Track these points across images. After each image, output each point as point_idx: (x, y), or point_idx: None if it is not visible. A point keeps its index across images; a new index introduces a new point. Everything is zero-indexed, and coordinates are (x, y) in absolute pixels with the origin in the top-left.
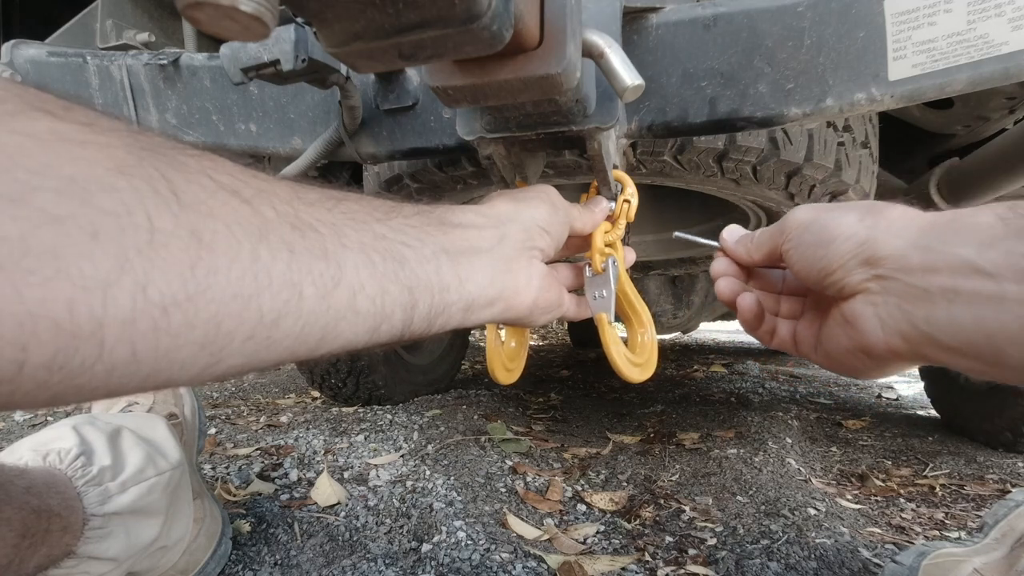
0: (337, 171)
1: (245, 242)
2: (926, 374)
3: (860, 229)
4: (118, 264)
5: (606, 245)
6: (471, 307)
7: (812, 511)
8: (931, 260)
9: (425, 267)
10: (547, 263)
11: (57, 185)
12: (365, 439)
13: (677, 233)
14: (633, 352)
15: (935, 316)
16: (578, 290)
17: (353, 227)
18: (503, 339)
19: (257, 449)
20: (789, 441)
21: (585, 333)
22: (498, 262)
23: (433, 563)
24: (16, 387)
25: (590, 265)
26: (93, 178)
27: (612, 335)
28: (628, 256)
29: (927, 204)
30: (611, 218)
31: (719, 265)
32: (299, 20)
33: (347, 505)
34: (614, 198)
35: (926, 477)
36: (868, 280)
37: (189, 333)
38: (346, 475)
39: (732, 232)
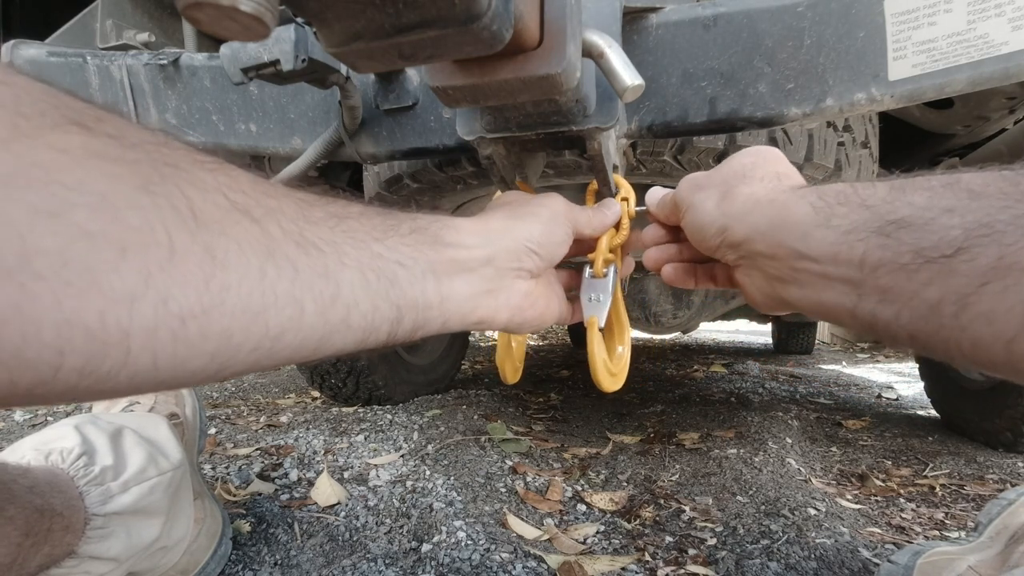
0: (337, 171)
1: (254, 260)
2: (926, 374)
3: (718, 216)
4: (143, 278)
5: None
6: (447, 322)
7: (812, 511)
8: (771, 248)
9: (414, 286)
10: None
11: (90, 201)
12: (365, 439)
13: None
14: (609, 360)
15: (789, 291)
16: (572, 291)
17: (353, 245)
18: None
19: (257, 449)
20: (789, 441)
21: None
22: (480, 282)
23: (433, 563)
24: (50, 389)
25: (591, 267)
26: (121, 195)
27: (599, 340)
28: (626, 265)
29: None
30: (616, 224)
31: (649, 234)
32: (299, 20)
33: (347, 505)
34: (613, 197)
35: (926, 477)
36: (738, 259)
37: (203, 344)
38: (346, 475)
39: (653, 194)
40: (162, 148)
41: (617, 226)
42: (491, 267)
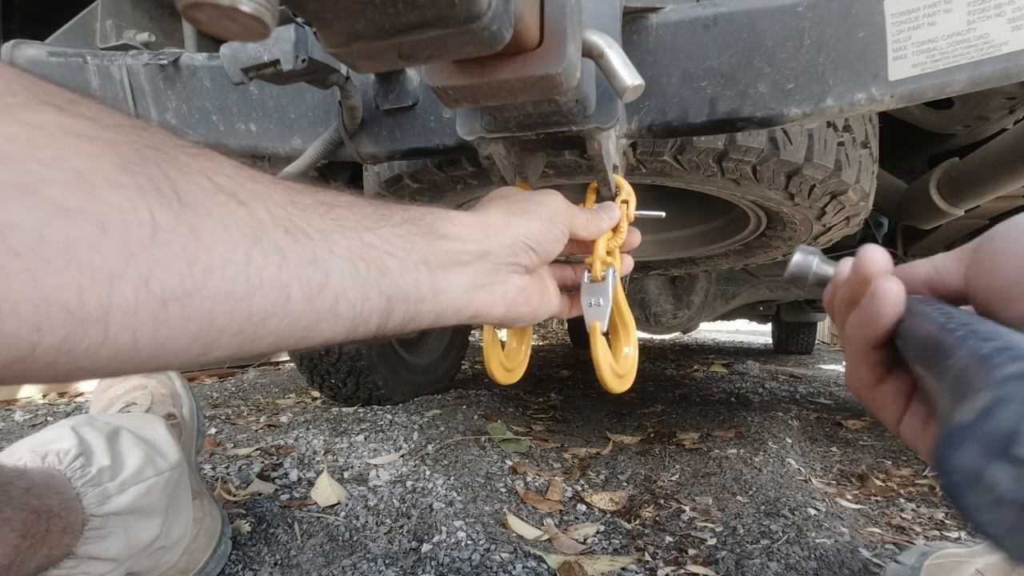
0: (337, 171)
1: (240, 244)
2: None
3: None
4: (124, 257)
5: (607, 253)
6: (440, 316)
7: (812, 511)
8: None
9: (405, 278)
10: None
11: (67, 178)
12: (365, 439)
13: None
14: (615, 362)
15: None
16: (571, 288)
17: (343, 234)
18: (504, 339)
19: (257, 449)
20: (789, 441)
21: (586, 333)
22: (474, 276)
23: (433, 563)
24: (28, 365)
25: (589, 271)
26: (100, 173)
27: (603, 345)
28: (625, 264)
29: (927, 204)
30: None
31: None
32: (299, 20)
33: (347, 505)
34: (613, 198)
35: (926, 477)
36: None
37: (185, 326)
38: (346, 475)
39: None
40: (140, 131)
41: (615, 229)
42: (486, 261)
